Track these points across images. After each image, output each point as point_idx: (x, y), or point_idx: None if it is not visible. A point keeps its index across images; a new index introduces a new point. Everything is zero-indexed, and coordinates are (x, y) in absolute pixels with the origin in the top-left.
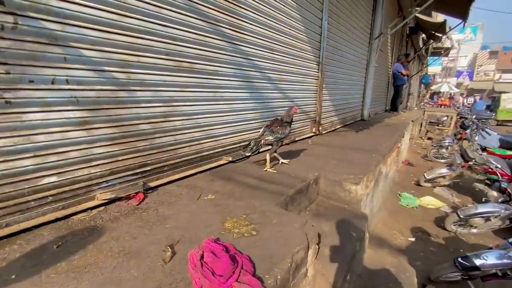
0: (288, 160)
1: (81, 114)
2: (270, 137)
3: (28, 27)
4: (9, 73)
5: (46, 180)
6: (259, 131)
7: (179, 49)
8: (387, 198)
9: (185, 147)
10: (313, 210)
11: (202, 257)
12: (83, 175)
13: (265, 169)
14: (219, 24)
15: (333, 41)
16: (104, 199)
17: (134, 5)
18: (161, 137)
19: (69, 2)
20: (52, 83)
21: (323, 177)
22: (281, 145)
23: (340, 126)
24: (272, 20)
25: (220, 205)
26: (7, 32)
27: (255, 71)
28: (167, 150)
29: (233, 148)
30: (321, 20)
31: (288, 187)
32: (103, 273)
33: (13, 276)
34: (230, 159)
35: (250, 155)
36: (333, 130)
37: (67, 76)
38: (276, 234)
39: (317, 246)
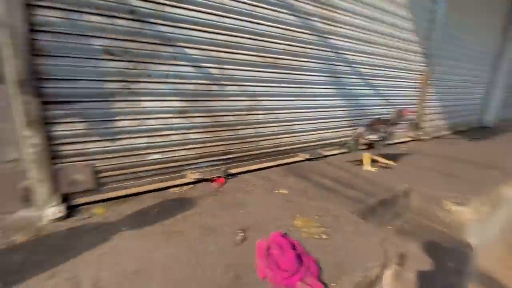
0: (392, 161)
1: (181, 104)
2: (373, 136)
3: (148, 31)
4: (135, 69)
5: (153, 157)
6: (343, 130)
7: (266, 45)
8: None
9: (265, 140)
10: (398, 226)
11: (269, 248)
12: (179, 156)
13: (368, 169)
14: (309, 17)
15: (448, 28)
16: (194, 179)
17: (232, 6)
18: (244, 129)
19: (179, 7)
20: (166, 77)
21: (416, 191)
22: (385, 145)
23: (447, 132)
24: (369, 7)
25: (292, 202)
26: (135, 35)
27: (344, 66)
28: (249, 142)
29: (311, 145)
30: (433, 2)
31: (369, 195)
32: (186, 241)
33: (124, 228)
34: (308, 156)
35: (330, 155)
36: (437, 137)
37: (174, 71)
38: (349, 243)
39: (398, 268)
